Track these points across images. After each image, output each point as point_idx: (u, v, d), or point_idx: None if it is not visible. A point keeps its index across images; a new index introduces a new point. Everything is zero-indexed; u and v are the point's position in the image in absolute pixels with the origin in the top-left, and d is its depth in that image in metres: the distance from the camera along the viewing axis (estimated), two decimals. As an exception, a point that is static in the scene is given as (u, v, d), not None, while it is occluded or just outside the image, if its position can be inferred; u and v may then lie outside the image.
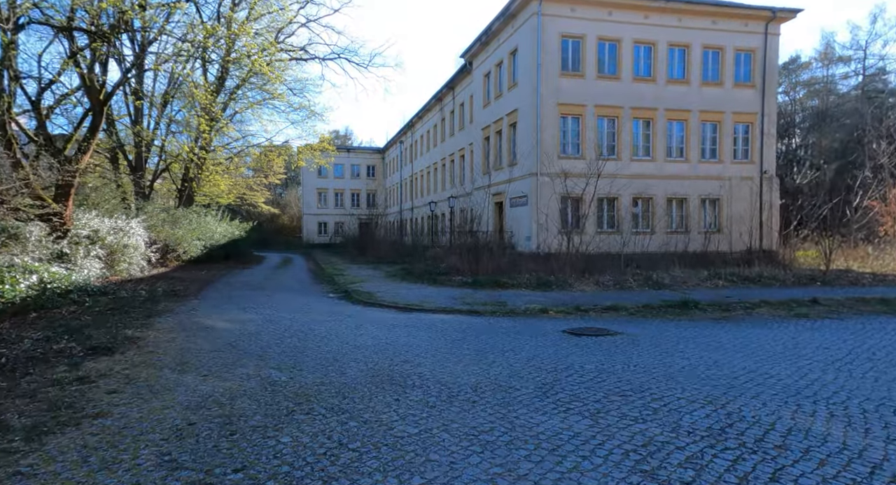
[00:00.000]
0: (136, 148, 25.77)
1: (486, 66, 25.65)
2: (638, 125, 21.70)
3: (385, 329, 7.88)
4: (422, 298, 11.50)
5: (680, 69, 21.81)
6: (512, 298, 11.35)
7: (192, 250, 23.02)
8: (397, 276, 17.01)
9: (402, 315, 9.44)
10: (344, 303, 11.33)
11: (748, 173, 22.47)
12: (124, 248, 14.53)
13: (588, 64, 20.89)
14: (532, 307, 9.72)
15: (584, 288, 12.44)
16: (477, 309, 9.78)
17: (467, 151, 30.10)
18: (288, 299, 11.73)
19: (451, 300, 11.08)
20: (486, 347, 6.49)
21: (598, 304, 10.05)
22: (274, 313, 9.43)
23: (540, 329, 7.82)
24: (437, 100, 35.64)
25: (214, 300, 11.28)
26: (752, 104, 22.22)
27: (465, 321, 8.66)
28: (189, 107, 26.15)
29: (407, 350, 6.33)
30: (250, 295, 12.42)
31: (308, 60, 27.44)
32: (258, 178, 42.71)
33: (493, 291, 12.39)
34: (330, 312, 9.83)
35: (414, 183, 43.11)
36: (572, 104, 20.89)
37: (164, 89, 25.92)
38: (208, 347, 6.47)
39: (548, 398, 4.30)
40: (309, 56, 26.96)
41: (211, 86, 25.80)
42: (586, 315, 9.21)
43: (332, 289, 14.37)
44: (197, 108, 25.99)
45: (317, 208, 54.84)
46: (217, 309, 9.90)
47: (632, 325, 8.19)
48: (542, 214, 20.42)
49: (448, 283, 13.86)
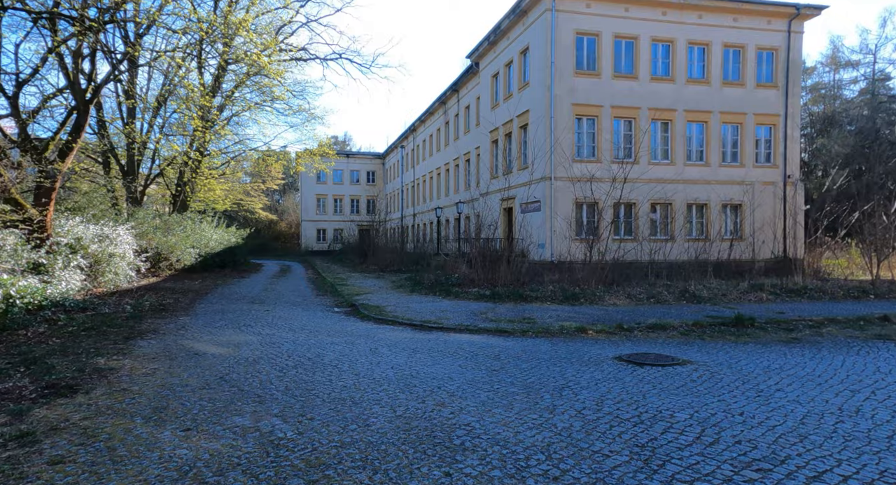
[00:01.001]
0: (127, 151, 24.66)
1: (494, 66, 24.64)
2: (656, 127, 20.66)
3: (405, 355, 6.70)
4: (438, 313, 10.33)
5: (700, 68, 20.81)
6: (538, 313, 10.19)
7: (185, 259, 21.85)
8: (405, 287, 15.84)
9: (421, 335, 8.26)
10: (352, 319, 10.14)
11: (771, 178, 21.42)
12: (110, 257, 13.33)
13: (604, 63, 19.88)
14: (567, 326, 8.56)
15: (616, 301, 11.28)
16: (504, 327, 8.62)
17: (473, 155, 29.03)
18: (289, 315, 10.54)
19: (472, 316, 9.92)
20: (535, 382, 5.32)
21: (640, 321, 8.90)
22: (274, 333, 8.24)
23: (587, 355, 6.66)
24: (440, 103, 34.63)
25: (207, 317, 10.08)
26: (774, 105, 21.22)
27: (495, 344, 7.48)
28: (184, 108, 25.08)
29: (439, 387, 5.16)
30: (247, 310, 11.22)
31: (308, 61, 26.44)
32: (255, 183, 41.61)
33: (515, 306, 11.23)
34: (337, 331, 8.65)
35: (416, 189, 42.02)
36: (588, 105, 19.85)
37: (158, 90, 24.73)
38: (195, 382, 5.28)
39: (657, 475, 3.12)
40: (309, 56, 25.96)
41: (207, 87, 24.77)
42: (631, 336, 8.06)
43: (337, 302, 13.19)
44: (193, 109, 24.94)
45: (315, 215, 53.69)
46: (209, 328, 8.71)
47: (692, 349, 7.03)
48: (557, 220, 19.31)
49: (464, 295, 12.70)
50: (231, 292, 15.20)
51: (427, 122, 38.72)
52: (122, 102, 23.84)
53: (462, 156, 31.04)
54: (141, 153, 24.93)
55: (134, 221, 19.69)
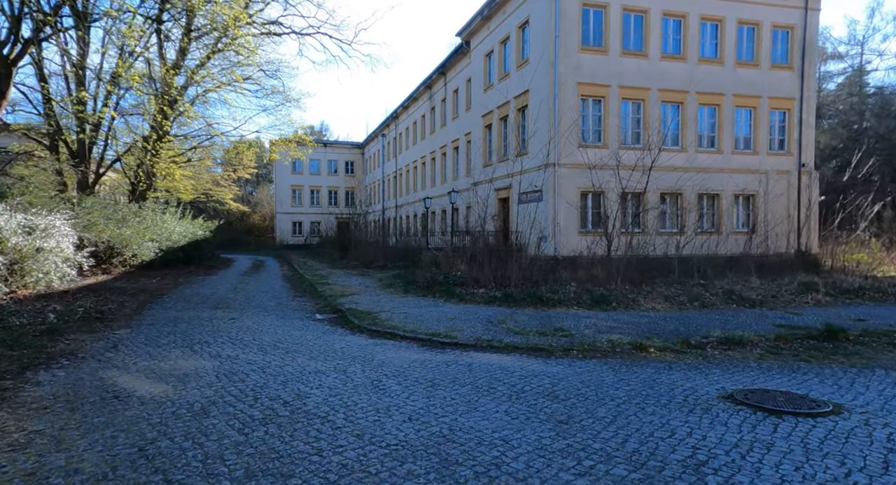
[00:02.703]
0: (78, 132, 21.92)
1: (487, 43, 22.63)
2: (665, 110, 19.01)
3: (423, 392, 4.74)
4: (446, 322, 8.37)
5: (712, 47, 19.21)
6: (569, 321, 8.33)
7: (143, 254, 19.37)
8: (396, 286, 13.83)
9: (434, 356, 6.30)
10: (339, 331, 8.10)
11: (785, 166, 20.04)
12: (37, 252, 10.94)
13: (612, 38, 18.09)
14: (616, 340, 6.72)
15: (654, 305, 9.50)
16: (537, 343, 6.72)
17: (462, 142, 27.05)
18: (260, 325, 8.44)
19: (489, 326, 8.00)
20: (642, 452, 3.42)
21: (704, 333, 7.10)
22: (238, 356, 6.17)
23: (675, 390, 4.80)
24: (425, 87, 32.48)
25: (153, 329, 7.91)
26: (789, 88, 19.79)
27: (538, 371, 5.57)
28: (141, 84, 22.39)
29: (495, 464, 3.22)
30: (207, 318, 9.06)
31: (282, 36, 23.96)
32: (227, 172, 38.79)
33: (536, 311, 9.36)
34: (323, 350, 6.61)
35: (398, 179, 39.83)
36: (594, 84, 18.05)
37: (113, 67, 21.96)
38: (92, 465, 3.21)
39: None
40: (283, 30, 23.50)
41: (169, 61, 22.11)
42: (705, 355, 6.25)
43: (318, 305, 11.10)
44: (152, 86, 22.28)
45: (291, 207, 50.97)
46: (150, 348, 6.57)
47: (812, 380, 5.24)
48: (561, 211, 17.53)
49: (470, 298, 10.75)
50: (192, 293, 12.94)
51: (410, 108, 36.51)
52: (68, 76, 21.12)
53: (450, 143, 29.01)
54: (94, 136, 22.21)
55: (80, 211, 17.19)
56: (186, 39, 20.94)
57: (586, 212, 18.66)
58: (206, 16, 19.70)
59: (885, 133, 40.53)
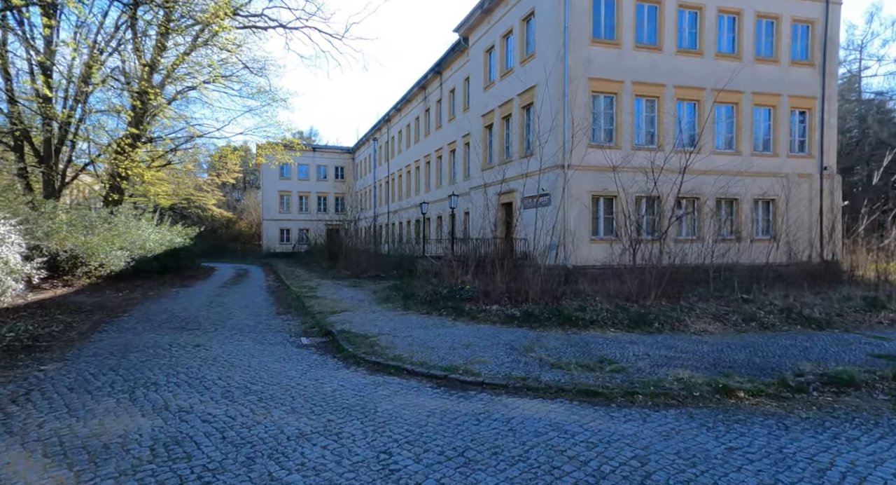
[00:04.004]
0: (43, 129, 20.16)
1: (488, 39, 21.26)
2: (681, 108, 17.72)
3: (456, 477, 3.18)
4: (462, 350, 6.81)
5: (729, 41, 17.99)
6: (611, 348, 6.81)
7: (112, 263, 17.59)
8: (394, 300, 12.23)
9: (457, 404, 4.74)
10: (331, 363, 6.50)
11: (806, 169, 18.81)
12: (-32, 264, 9.22)
13: (624, 30, 16.77)
14: (688, 379, 5.20)
15: (705, 327, 8.02)
16: (587, 384, 5.18)
17: (460, 145, 25.59)
18: (230, 356, 6.81)
19: (515, 355, 6.46)
20: None
21: (797, 369, 5.61)
22: (192, 409, 4.54)
23: (820, 472, 3.29)
24: (419, 88, 31.03)
25: (91, 363, 6.24)
26: (810, 86, 18.61)
27: (606, 432, 4.03)
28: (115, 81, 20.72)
29: None
30: (167, 345, 7.40)
31: (268, 29, 22.38)
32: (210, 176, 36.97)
33: (564, 333, 7.83)
34: (309, 396, 5.01)
35: (391, 185, 38.26)
36: (606, 80, 16.69)
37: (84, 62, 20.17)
38: None
39: None
40: (268, 23, 21.94)
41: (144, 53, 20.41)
42: (811, 400, 4.76)
43: (305, 325, 9.47)
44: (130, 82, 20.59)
45: (278, 213, 49.11)
46: (76, 394, 4.92)
47: None
48: (572, 216, 16.09)
49: (483, 316, 9.19)
50: (159, 310, 11.23)
51: (403, 110, 35.04)
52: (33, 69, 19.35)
53: (446, 146, 27.54)
54: (63, 137, 20.45)
55: (38, 216, 15.44)
56: (164, 30, 19.29)
57: (597, 218, 17.25)
58: (186, 4, 18.15)
59: (887, 138, 39.85)
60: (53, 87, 19.63)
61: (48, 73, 18.68)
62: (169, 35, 20.09)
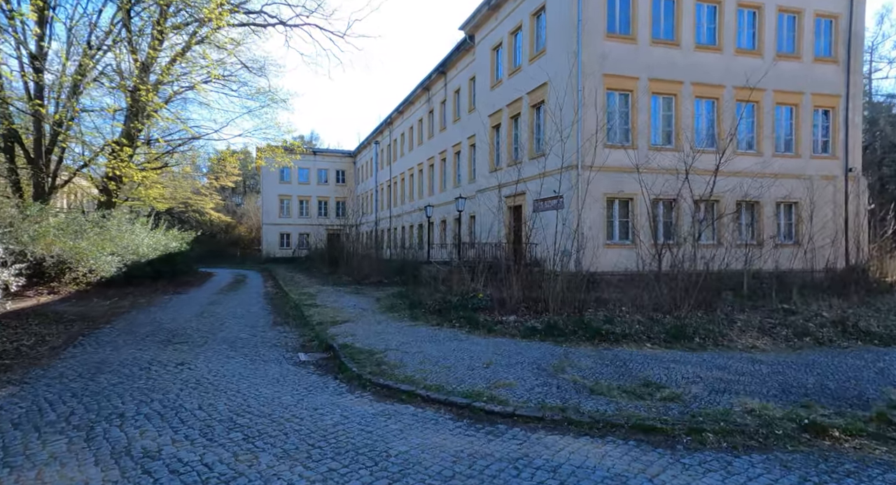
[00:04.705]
0: (34, 134, 19.43)
1: (495, 36, 20.48)
2: (699, 106, 16.90)
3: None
4: (483, 371, 5.93)
5: (749, 37, 17.18)
6: (653, 368, 5.94)
7: (102, 269, 16.74)
8: (399, 309, 11.35)
9: (487, 445, 3.86)
10: (332, 386, 5.62)
11: (829, 171, 17.95)
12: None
13: (640, 25, 15.99)
14: (760, 410, 4.33)
15: (753, 342, 7.12)
16: (640, 416, 4.30)
17: (465, 146, 24.78)
18: (218, 376, 5.93)
19: (546, 378, 5.58)
20: None
21: (889, 399, 4.73)
22: (159, 453, 3.66)
23: None
24: (423, 89, 30.27)
25: (52, 388, 5.37)
26: (833, 84, 17.78)
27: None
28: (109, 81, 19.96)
29: None
30: (146, 363, 6.53)
31: (267, 27, 21.67)
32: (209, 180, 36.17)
33: (594, 349, 6.95)
34: (306, 433, 4.13)
35: (393, 188, 37.43)
36: (621, 76, 15.88)
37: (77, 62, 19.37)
38: None
39: None
40: (268, 20, 21.22)
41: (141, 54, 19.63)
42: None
43: (303, 338, 8.59)
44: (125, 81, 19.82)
45: (278, 218, 48.28)
46: (19, 432, 4.04)
47: None
48: (588, 219, 15.21)
49: (500, 329, 8.30)
50: (146, 320, 10.36)
51: (406, 113, 34.27)
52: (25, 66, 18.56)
53: (450, 148, 26.73)
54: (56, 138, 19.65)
55: (23, 220, 14.63)
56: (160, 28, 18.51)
57: (612, 221, 16.41)
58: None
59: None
60: (45, 87, 18.88)
61: (39, 72, 17.92)
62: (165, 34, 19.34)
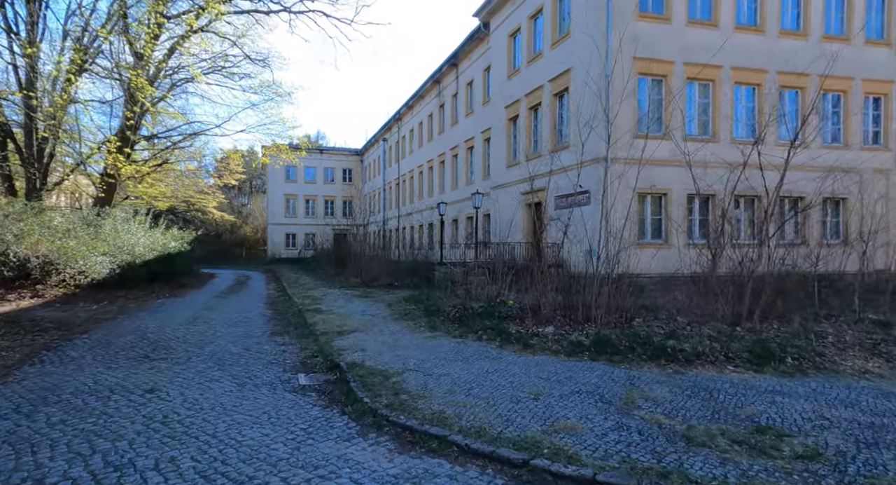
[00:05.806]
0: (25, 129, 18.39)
1: (512, 21, 19.14)
2: (738, 93, 15.48)
3: None
4: (533, 403, 4.60)
5: (794, 17, 15.75)
6: (748, 401, 4.58)
7: (93, 270, 15.58)
8: (415, 317, 10.04)
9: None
10: (338, 427, 4.30)
11: (882, 164, 16.45)
12: None
13: (675, 2, 14.62)
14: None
15: (863, 364, 5.74)
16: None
17: (478, 141, 23.46)
18: (191, 413, 4.64)
19: (619, 418, 4.24)
20: None
21: None
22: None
23: None
24: (433, 82, 28.97)
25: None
26: (886, 69, 16.29)
27: None
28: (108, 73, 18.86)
29: None
30: (108, 390, 5.25)
31: (270, 14, 20.39)
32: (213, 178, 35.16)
33: (661, 371, 5.60)
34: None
35: (402, 187, 36.16)
36: (654, 60, 14.50)
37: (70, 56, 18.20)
38: None
39: None
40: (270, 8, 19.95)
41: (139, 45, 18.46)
42: None
43: (304, 353, 7.29)
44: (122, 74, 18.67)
45: (284, 217, 47.16)
46: None
47: None
48: (617, 216, 13.84)
49: (538, 343, 6.95)
50: (128, 329, 9.11)
51: (415, 107, 32.98)
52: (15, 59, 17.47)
53: (463, 143, 25.41)
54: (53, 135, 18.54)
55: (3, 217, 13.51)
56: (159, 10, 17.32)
57: (644, 219, 15.03)
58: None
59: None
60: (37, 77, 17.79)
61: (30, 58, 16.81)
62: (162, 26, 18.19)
